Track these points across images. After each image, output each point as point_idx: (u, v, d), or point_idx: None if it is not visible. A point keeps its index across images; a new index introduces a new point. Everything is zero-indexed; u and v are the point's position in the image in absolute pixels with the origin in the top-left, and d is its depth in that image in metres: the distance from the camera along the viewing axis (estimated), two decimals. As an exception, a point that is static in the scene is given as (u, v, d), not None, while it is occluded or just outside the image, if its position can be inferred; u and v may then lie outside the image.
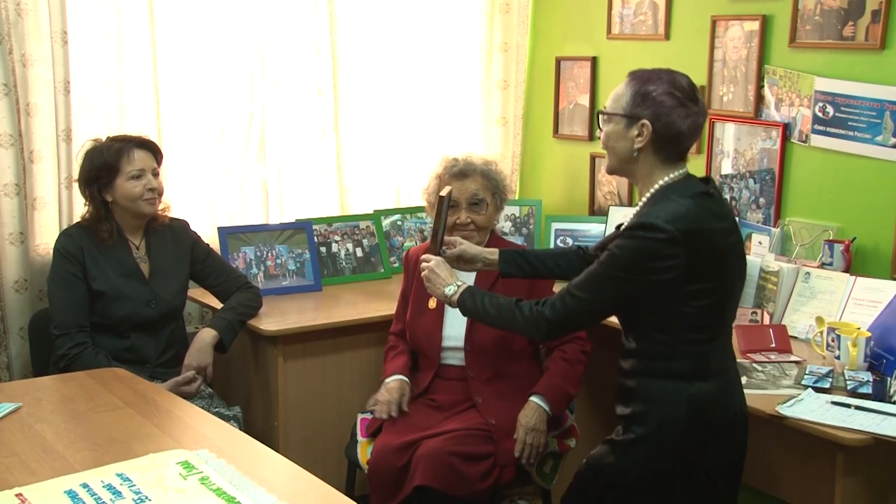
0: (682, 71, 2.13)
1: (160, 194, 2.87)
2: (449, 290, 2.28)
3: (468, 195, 2.78)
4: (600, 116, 2.16)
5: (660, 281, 2.00)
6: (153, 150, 2.88)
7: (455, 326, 2.78)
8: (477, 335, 2.76)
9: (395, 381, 2.78)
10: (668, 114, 2.04)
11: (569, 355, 2.76)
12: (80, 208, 3.16)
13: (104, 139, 2.87)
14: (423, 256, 2.40)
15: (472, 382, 2.75)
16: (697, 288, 2.02)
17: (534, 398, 2.68)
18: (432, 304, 2.84)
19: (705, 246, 2.00)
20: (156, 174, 2.86)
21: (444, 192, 2.39)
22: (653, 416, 2.10)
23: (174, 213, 3.04)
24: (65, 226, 3.10)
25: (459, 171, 2.80)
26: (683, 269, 1.98)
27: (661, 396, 2.09)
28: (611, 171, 2.21)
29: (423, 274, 2.37)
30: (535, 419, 2.65)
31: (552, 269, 2.45)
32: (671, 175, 2.09)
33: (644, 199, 2.11)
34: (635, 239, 2.00)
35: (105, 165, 2.78)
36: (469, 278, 2.75)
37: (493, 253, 2.48)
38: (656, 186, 2.09)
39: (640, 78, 2.09)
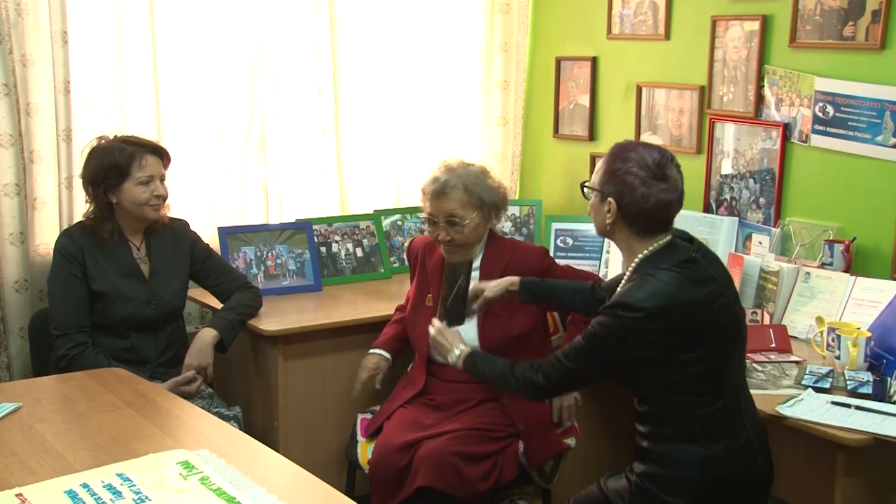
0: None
1: (165, 199, 2.87)
2: (451, 358, 2.42)
3: (445, 214, 2.76)
4: (583, 186, 2.24)
5: (641, 356, 2.07)
6: (163, 155, 2.87)
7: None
8: (489, 335, 2.76)
9: (373, 356, 2.88)
10: (632, 192, 2.09)
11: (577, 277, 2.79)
12: (80, 208, 3.16)
13: (112, 138, 2.85)
14: (432, 321, 2.52)
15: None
16: (685, 357, 2.07)
17: None
18: (429, 301, 2.84)
19: (686, 318, 2.04)
20: (163, 180, 2.85)
21: (453, 261, 2.58)
22: (667, 479, 2.14)
23: (174, 213, 3.03)
24: (65, 226, 3.10)
25: (436, 191, 2.76)
26: (665, 343, 2.05)
27: (674, 460, 2.13)
28: (598, 234, 2.29)
29: (430, 339, 2.51)
30: None
31: (568, 304, 2.55)
32: (650, 247, 2.14)
33: (628, 272, 2.17)
34: (615, 318, 2.06)
35: (115, 167, 2.76)
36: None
37: (513, 284, 2.56)
38: (637, 260, 2.14)
39: (614, 154, 2.16)
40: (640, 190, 2.09)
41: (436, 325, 2.49)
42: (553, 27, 4.07)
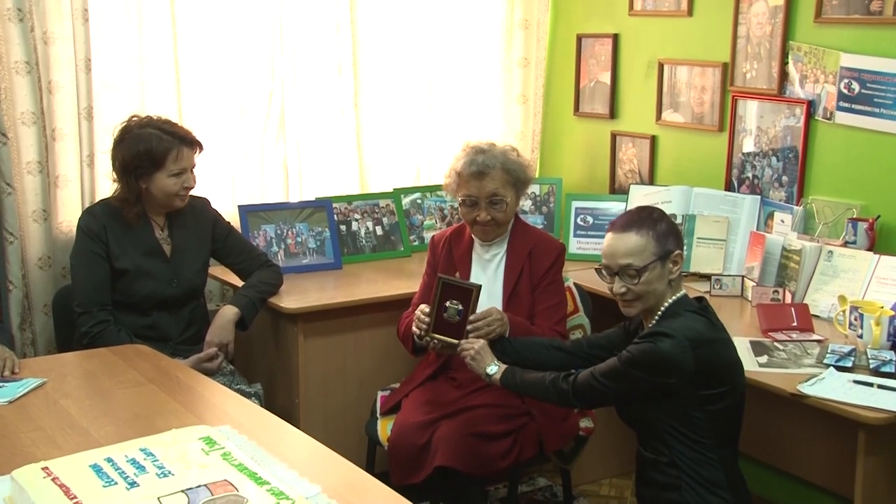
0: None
1: (192, 189, 2.87)
2: (491, 370, 2.47)
3: (487, 194, 2.74)
4: (635, 273, 2.23)
5: (667, 384, 2.17)
6: (198, 147, 2.86)
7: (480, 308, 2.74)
8: (512, 309, 2.74)
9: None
10: (681, 235, 2.33)
11: (550, 321, 2.76)
12: (101, 186, 3.18)
13: (145, 118, 2.82)
14: (469, 342, 2.53)
15: None
16: (709, 393, 2.18)
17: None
18: None
19: (711, 353, 2.19)
20: (193, 169, 2.85)
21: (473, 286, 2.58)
22: None
23: (195, 192, 3.04)
24: (87, 203, 3.12)
25: (478, 171, 2.73)
26: (692, 374, 2.16)
27: None
28: (638, 313, 2.32)
29: (470, 353, 2.51)
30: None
31: (532, 359, 2.56)
32: (675, 296, 2.29)
33: (655, 318, 2.28)
34: (651, 344, 2.19)
35: (151, 156, 2.75)
36: (498, 280, 2.80)
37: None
38: (663, 308, 2.28)
39: (644, 223, 2.26)
40: (678, 229, 2.31)
41: (478, 344, 2.51)
42: (574, 4, 4.03)
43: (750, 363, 2.50)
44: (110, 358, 2.49)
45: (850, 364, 2.46)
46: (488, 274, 2.83)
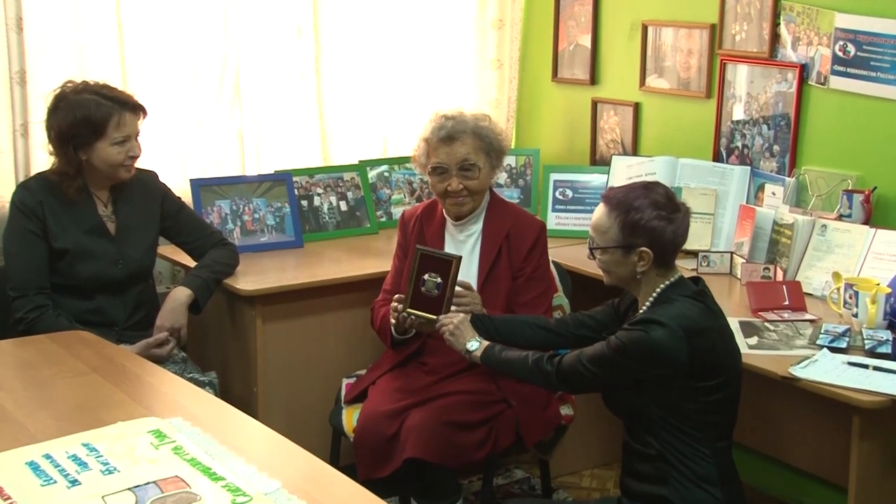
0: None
1: (138, 158, 2.83)
2: (472, 346, 2.47)
3: (457, 160, 2.73)
4: (593, 251, 2.31)
5: (659, 374, 2.18)
6: (141, 112, 2.82)
7: None
8: (488, 293, 2.74)
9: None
10: (662, 234, 2.23)
11: (535, 313, 2.75)
12: (37, 157, 3.13)
13: (81, 84, 2.77)
14: (449, 316, 2.53)
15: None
16: (704, 385, 2.18)
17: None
18: None
19: (707, 343, 2.18)
20: (137, 137, 2.81)
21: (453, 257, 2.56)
22: None
23: (142, 164, 2.99)
24: (21, 177, 3.08)
25: (447, 136, 2.73)
26: (685, 365, 2.15)
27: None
28: (610, 285, 2.36)
29: (449, 329, 2.50)
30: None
31: (512, 337, 2.57)
32: (669, 280, 2.28)
33: (647, 304, 2.28)
34: (644, 333, 2.17)
35: (89, 124, 2.71)
36: (473, 262, 2.79)
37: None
38: (657, 291, 2.27)
39: (621, 206, 2.25)
40: (668, 228, 2.23)
41: (458, 318, 2.52)
42: (551, -40, 4.01)
43: (739, 345, 2.51)
44: (49, 345, 2.46)
45: (844, 345, 2.48)
46: (463, 255, 2.81)
